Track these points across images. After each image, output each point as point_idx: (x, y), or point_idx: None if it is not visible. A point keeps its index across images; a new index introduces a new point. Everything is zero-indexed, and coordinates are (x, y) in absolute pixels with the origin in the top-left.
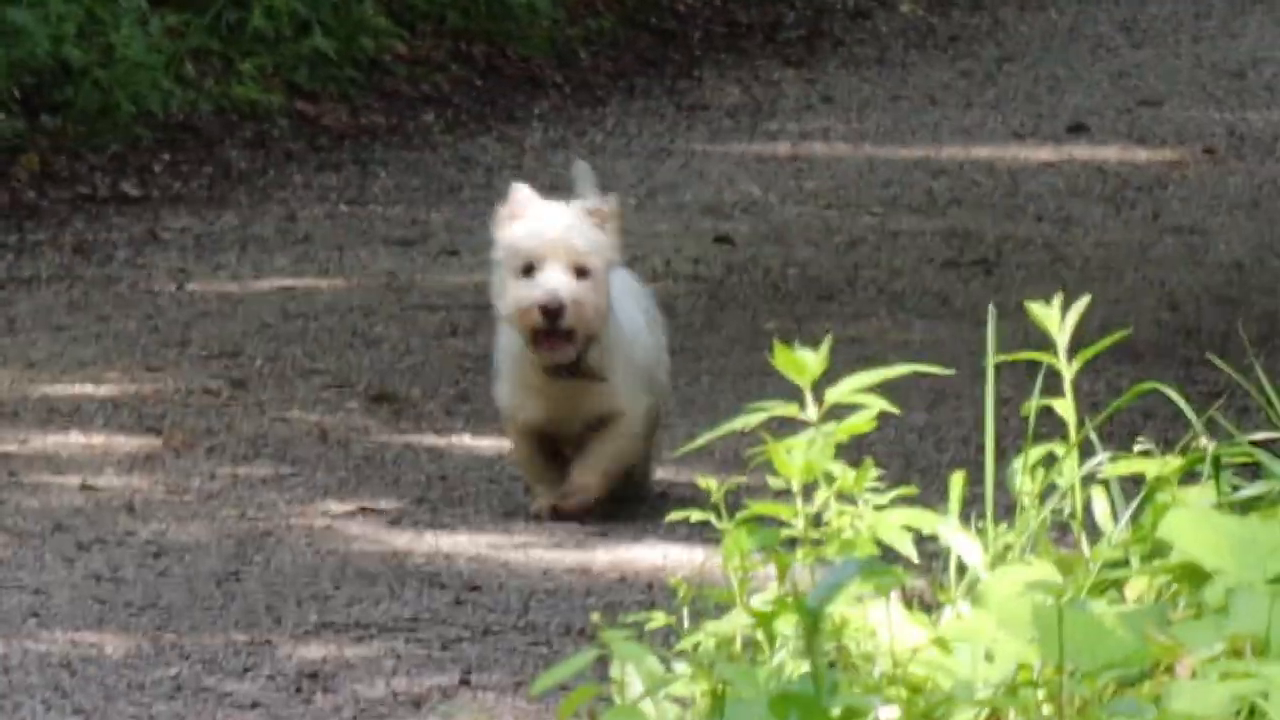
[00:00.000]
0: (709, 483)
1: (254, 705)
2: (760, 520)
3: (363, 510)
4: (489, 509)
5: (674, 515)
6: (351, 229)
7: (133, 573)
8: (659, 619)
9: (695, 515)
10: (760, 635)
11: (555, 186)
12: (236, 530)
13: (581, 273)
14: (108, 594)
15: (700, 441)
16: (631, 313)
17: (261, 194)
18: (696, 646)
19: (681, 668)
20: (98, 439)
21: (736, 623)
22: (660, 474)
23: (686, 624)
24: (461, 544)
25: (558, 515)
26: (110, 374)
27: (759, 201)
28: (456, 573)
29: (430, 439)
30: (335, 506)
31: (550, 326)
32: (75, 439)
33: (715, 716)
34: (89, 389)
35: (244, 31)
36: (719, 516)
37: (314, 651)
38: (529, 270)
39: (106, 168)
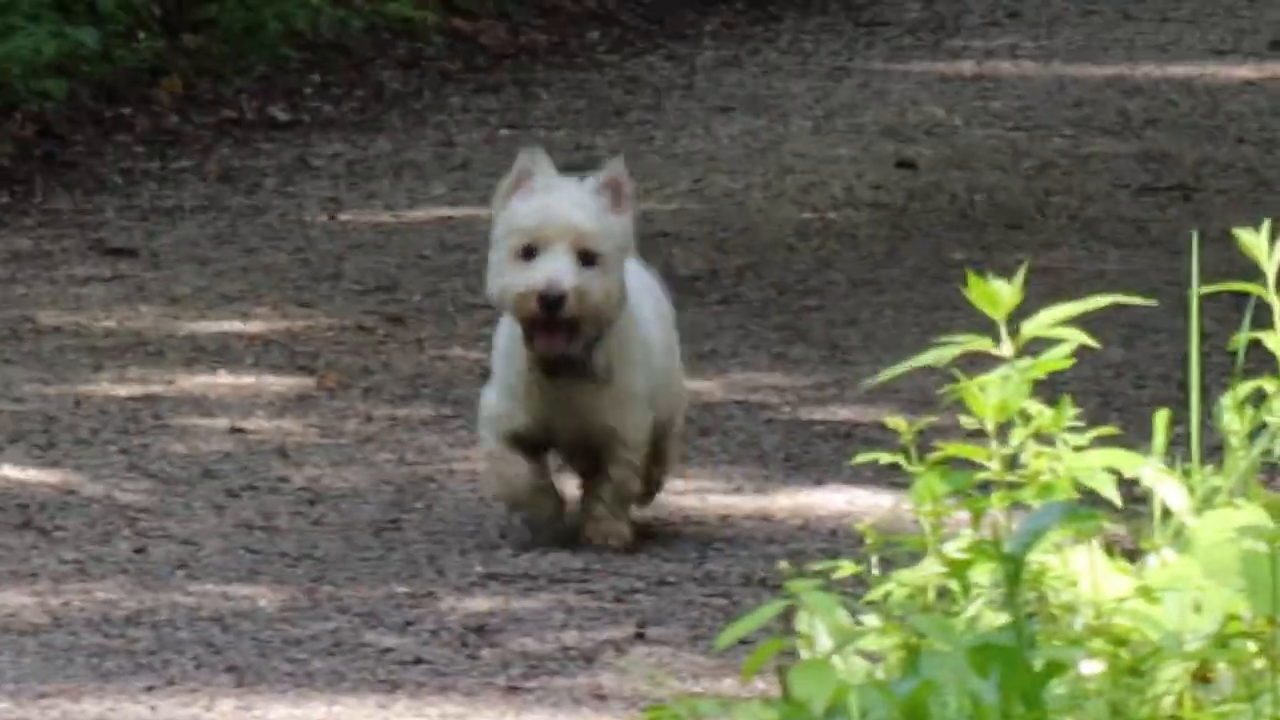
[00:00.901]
0: (897, 422)
1: (416, 661)
2: (952, 462)
3: None
4: None
5: (860, 457)
6: (512, 154)
7: (286, 521)
8: (846, 568)
9: (883, 457)
10: (954, 585)
11: (726, 109)
12: (395, 476)
13: (589, 258)
14: (260, 544)
15: (885, 378)
16: (644, 309)
17: (416, 117)
18: (886, 597)
19: (871, 620)
20: (247, 379)
21: (929, 572)
22: (844, 414)
23: (875, 573)
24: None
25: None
26: (259, 310)
27: (943, 123)
28: (630, 519)
29: None
30: None
31: (549, 317)
32: (223, 379)
33: (909, 671)
34: (237, 326)
35: None
36: (908, 459)
37: (480, 604)
38: (529, 253)
39: (253, 90)
